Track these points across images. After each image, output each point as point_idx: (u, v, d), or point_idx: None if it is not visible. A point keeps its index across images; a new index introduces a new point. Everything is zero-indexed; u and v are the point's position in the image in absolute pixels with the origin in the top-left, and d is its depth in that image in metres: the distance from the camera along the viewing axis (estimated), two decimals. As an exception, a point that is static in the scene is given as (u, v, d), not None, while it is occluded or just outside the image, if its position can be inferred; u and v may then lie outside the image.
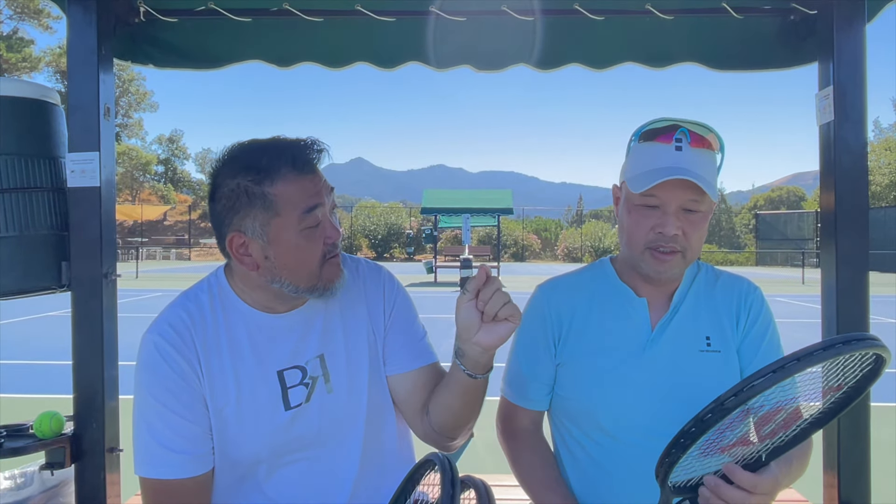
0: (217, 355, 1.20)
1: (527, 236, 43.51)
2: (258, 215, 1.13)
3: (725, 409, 0.86)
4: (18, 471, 1.76)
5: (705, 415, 0.87)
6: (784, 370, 0.83)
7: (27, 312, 10.80)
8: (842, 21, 1.73)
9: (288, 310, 1.25)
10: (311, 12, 1.93)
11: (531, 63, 2.05)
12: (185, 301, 1.25)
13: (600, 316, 1.38)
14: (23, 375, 6.37)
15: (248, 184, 1.13)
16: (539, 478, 1.38)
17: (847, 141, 1.72)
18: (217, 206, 1.18)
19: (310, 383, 1.24)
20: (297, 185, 1.14)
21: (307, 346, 1.25)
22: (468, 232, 19.99)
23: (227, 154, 1.18)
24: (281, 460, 1.23)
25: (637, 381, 1.30)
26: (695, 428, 0.89)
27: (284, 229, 1.14)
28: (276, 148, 1.16)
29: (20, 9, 36.65)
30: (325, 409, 1.25)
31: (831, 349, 0.83)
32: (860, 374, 0.92)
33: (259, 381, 1.21)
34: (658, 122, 1.30)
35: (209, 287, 1.27)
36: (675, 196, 1.24)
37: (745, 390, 0.84)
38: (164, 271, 25.84)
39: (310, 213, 1.15)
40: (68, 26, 1.72)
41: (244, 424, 1.20)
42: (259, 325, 1.23)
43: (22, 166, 1.67)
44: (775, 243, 36.84)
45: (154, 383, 1.17)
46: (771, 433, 0.99)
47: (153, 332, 1.20)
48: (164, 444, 1.15)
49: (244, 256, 1.17)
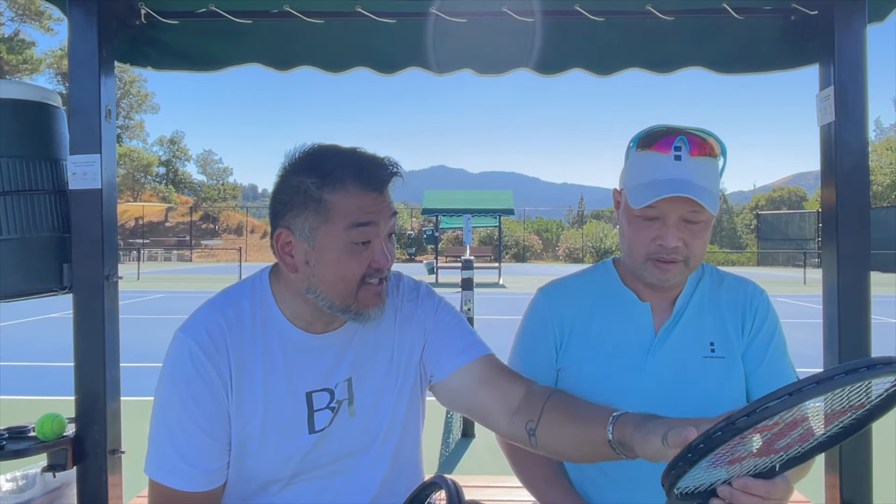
0: (249, 370, 1.16)
1: (528, 237, 43.50)
2: (309, 217, 1.11)
3: (736, 429, 0.84)
4: (20, 473, 1.76)
5: (715, 432, 0.85)
6: (801, 394, 0.79)
7: (29, 314, 10.81)
8: (842, 21, 1.73)
9: (325, 330, 1.21)
10: (311, 14, 1.93)
11: (533, 67, 2.04)
12: (225, 305, 1.20)
13: (603, 320, 1.36)
14: (24, 377, 6.38)
15: (310, 185, 1.11)
16: (541, 474, 1.36)
17: (848, 141, 1.71)
18: (276, 198, 1.16)
19: (336, 407, 1.21)
20: (355, 199, 1.10)
21: (338, 370, 1.22)
22: (469, 233, 19.98)
23: (301, 151, 1.16)
24: (297, 479, 1.21)
25: (640, 386, 1.29)
26: (703, 444, 0.87)
27: (331, 237, 1.11)
28: (347, 157, 1.14)
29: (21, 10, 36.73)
30: (346, 433, 1.22)
31: (854, 374, 0.79)
32: (885, 394, 0.90)
33: (287, 401, 1.17)
34: (656, 129, 1.27)
35: (251, 292, 1.22)
36: (675, 208, 1.21)
37: (757, 411, 0.81)
38: (166, 273, 25.86)
39: (359, 227, 1.10)
40: (69, 28, 1.72)
41: (266, 443, 1.17)
42: (294, 342, 1.19)
43: (23, 168, 1.68)
44: (777, 243, 36.83)
45: (182, 391, 1.13)
46: (786, 446, 0.97)
47: (188, 335, 1.15)
48: (180, 454, 1.12)
49: (287, 256, 1.15)
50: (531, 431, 1.16)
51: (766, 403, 0.81)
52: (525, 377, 1.26)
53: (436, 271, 20.18)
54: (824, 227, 1.79)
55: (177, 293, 16.24)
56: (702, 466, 0.91)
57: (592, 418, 1.07)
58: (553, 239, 44.11)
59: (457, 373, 1.25)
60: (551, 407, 1.15)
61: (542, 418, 1.15)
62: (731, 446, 0.90)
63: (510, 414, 1.20)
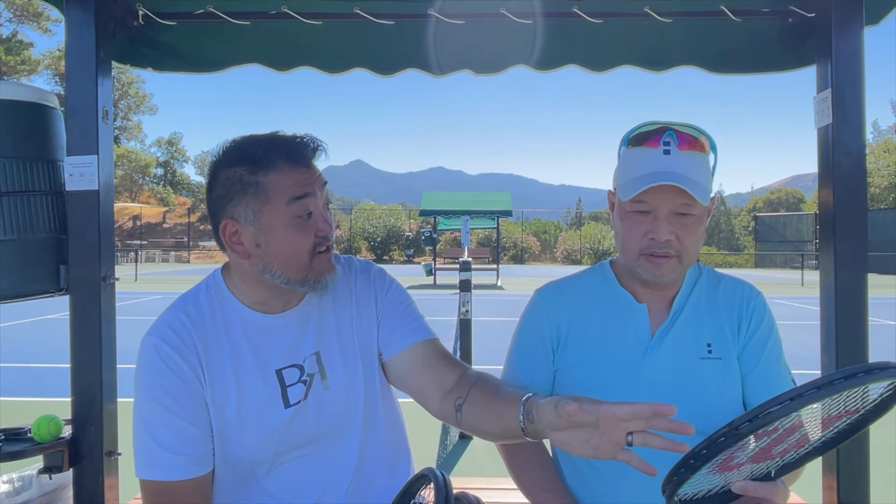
0: (217, 357, 1.22)
1: (526, 238, 43.51)
2: (250, 202, 1.17)
3: (739, 435, 0.84)
4: (16, 475, 1.75)
5: (718, 438, 0.86)
6: (802, 399, 0.81)
7: (25, 316, 10.79)
8: (840, 24, 1.73)
9: (283, 309, 1.27)
10: (309, 15, 1.93)
11: (530, 64, 2.04)
12: (185, 303, 1.27)
13: (600, 322, 1.36)
14: (21, 379, 6.36)
15: (243, 173, 1.17)
16: (537, 479, 1.37)
17: (846, 143, 1.71)
18: (213, 194, 1.22)
19: (308, 381, 1.26)
20: (289, 176, 1.17)
21: (303, 345, 1.27)
22: (467, 234, 20.00)
23: (226, 146, 1.23)
24: (282, 458, 1.25)
25: (636, 388, 1.29)
26: (706, 450, 0.87)
27: (274, 215, 1.17)
28: (272, 141, 1.21)
29: (19, 11, 36.68)
30: (323, 406, 1.27)
31: (853, 379, 0.80)
32: (879, 400, 0.90)
33: (258, 380, 1.23)
34: (646, 126, 1.28)
35: (207, 289, 1.29)
36: (666, 201, 1.22)
37: (760, 417, 0.82)
38: (163, 274, 25.81)
39: (299, 200, 1.17)
40: (66, 29, 1.72)
41: (245, 424, 1.21)
42: (256, 325, 1.25)
43: (20, 170, 1.67)
44: (774, 245, 36.88)
45: (153, 385, 1.18)
46: (782, 452, 0.98)
47: (153, 335, 1.22)
48: (162, 446, 1.16)
49: (236, 245, 1.20)
50: (458, 408, 1.23)
51: (768, 409, 0.82)
52: (461, 363, 1.33)
53: (434, 273, 20.18)
54: (822, 229, 1.79)
55: (174, 294, 16.08)
56: (703, 473, 0.91)
57: (510, 396, 1.13)
58: (551, 240, 44.12)
59: (402, 354, 1.32)
60: (477, 387, 1.22)
61: (469, 396, 1.22)
62: (731, 453, 0.90)
63: (443, 394, 1.26)
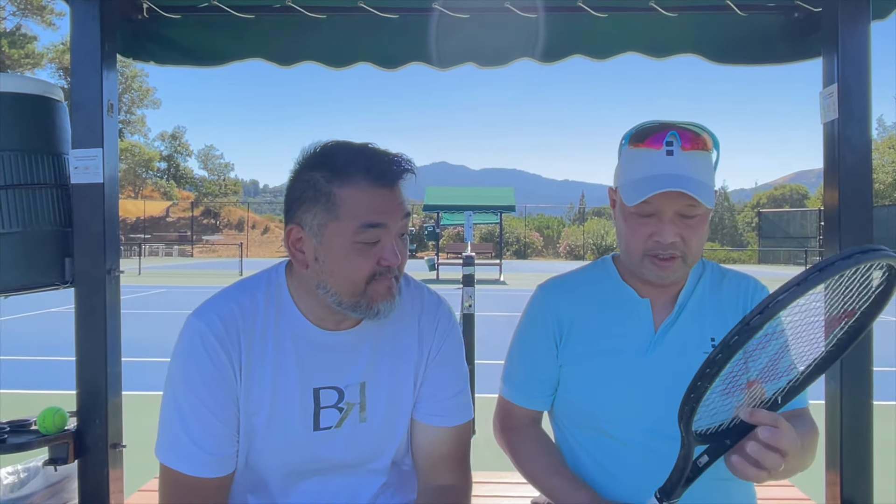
0: (260, 360, 1.16)
1: (529, 234, 43.47)
2: (319, 213, 1.10)
3: (752, 329, 0.85)
4: (21, 466, 1.76)
5: (731, 338, 0.86)
6: (807, 282, 0.82)
7: (30, 308, 10.83)
8: (846, 18, 1.72)
9: (336, 328, 1.20)
10: (314, 9, 1.93)
11: (534, 57, 2.04)
12: (240, 294, 1.19)
13: (602, 317, 1.35)
14: (26, 371, 6.40)
15: (320, 179, 1.09)
16: (543, 465, 1.35)
17: (851, 139, 1.71)
18: (288, 195, 1.15)
19: (344, 408, 1.20)
20: (365, 195, 1.08)
21: (351, 370, 1.21)
22: (470, 229, 19.99)
23: (315, 148, 1.15)
24: (300, 476, 1.21)
25: (640, 383, 1.28)
26: (721, 354, 0.87)
27: (338, 235, 1.09)
28: (357, 151, 1.12)
29: (23, 5, 36.68)
30: (356, 437, 1.21)
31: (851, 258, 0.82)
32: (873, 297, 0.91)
33: (295, 395, 1.17)
34: (647, 125, 1.27)
35: (267, 284, 1.21)
36: (670, 203, 1.20)
37: (770, 306, 0.83)
38: (167, 268, 25.88)
39: (368, 228, 1.08)
40: (71, 23, 1.72)
41: (270, 436, 1.17)
42: (307, 337, 1.19)
43: (25, 163, 1.68)
44: (778, 241, 36.78)
45: (191, 371, 1.13)
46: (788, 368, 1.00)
47: (200, 319, 1.15)
48: (193, 439, 1.12)
49: (298, 252, 1.14)
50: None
51: (776, 297, 0.83)
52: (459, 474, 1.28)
53: (437, 268, 20.18)
54: (826, 225, 1.79)
55: (178, 288, 16.25)
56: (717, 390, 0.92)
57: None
58: (554, 236, 44.06)
59: (424, 425, 1.26)
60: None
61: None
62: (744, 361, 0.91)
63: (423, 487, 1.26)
